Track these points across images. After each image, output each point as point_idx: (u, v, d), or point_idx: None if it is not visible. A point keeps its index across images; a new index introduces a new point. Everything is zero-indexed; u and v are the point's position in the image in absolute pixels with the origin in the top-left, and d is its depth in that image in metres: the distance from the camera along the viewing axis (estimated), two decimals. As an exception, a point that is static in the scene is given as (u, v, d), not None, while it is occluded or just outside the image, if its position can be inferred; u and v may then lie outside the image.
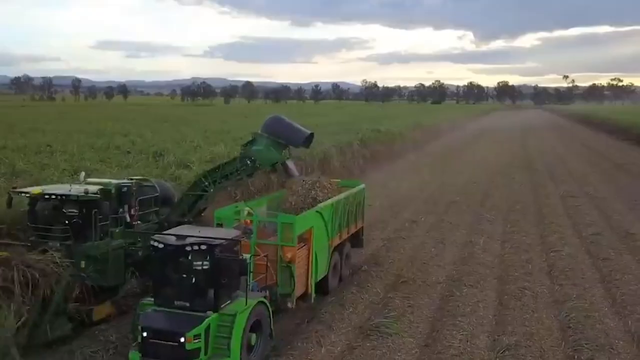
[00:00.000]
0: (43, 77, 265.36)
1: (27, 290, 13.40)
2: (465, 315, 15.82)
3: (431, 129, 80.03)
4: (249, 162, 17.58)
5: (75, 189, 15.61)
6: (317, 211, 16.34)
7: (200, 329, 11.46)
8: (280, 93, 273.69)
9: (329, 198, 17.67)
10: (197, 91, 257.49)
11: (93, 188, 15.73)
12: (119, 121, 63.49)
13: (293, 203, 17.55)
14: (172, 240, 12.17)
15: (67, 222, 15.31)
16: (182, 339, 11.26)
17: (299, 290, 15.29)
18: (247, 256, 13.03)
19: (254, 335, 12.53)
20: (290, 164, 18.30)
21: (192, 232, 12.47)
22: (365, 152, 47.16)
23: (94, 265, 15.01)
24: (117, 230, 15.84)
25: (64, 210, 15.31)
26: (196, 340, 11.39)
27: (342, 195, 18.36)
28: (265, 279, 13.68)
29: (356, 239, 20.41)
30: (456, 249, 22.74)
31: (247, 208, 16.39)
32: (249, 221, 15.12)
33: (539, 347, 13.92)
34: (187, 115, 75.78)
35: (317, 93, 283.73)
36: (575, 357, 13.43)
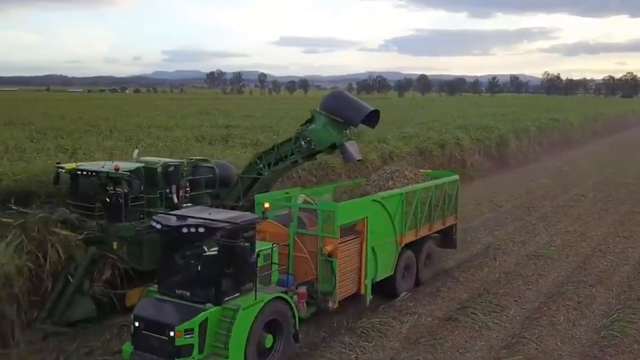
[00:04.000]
0: (233, 72, 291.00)
1: (57, 266, 13.31)
2: (614, 254, 20.13)
3: (615, 122, 79.37)
4: (303, 143, 15.55)
5: (108, 166, 14.59)
6: (374, 200, 14.41)
7: (192, 323, 9.96)
8: (455, 85, 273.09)
9: None
10: (373, 85, 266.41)
11: (129, 165, 14.86)
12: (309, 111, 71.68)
13: (365, 193, 15.73)
14: (172, 220, 10.70)
15: (101, 200, 14.39)
16: (172, 333, 9.87)
17: (344, 289, 13.51)
18: (268, 245, 11.71)
19: (269, 337, 11.00)
20: (350, 146, 15.71)
21: (198, 214, 10.93)
22: (542, 139, 50.42)
23: (128, 247, 14.07)
24: (159, 211, 14.13)
25: (106, 188, 14.37)
26: (187, 336, 9.89)
27: (417, 186, 16.23)
28: (287, 270, 12.42)
29: (447, 238, 18.36)
30: (617, 216, 26.35)
31: (303, 195, 15.00)
32: (267, 205, 12.85)
33: (670, 272, 17.98)
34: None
35: (493, 85, 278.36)
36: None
